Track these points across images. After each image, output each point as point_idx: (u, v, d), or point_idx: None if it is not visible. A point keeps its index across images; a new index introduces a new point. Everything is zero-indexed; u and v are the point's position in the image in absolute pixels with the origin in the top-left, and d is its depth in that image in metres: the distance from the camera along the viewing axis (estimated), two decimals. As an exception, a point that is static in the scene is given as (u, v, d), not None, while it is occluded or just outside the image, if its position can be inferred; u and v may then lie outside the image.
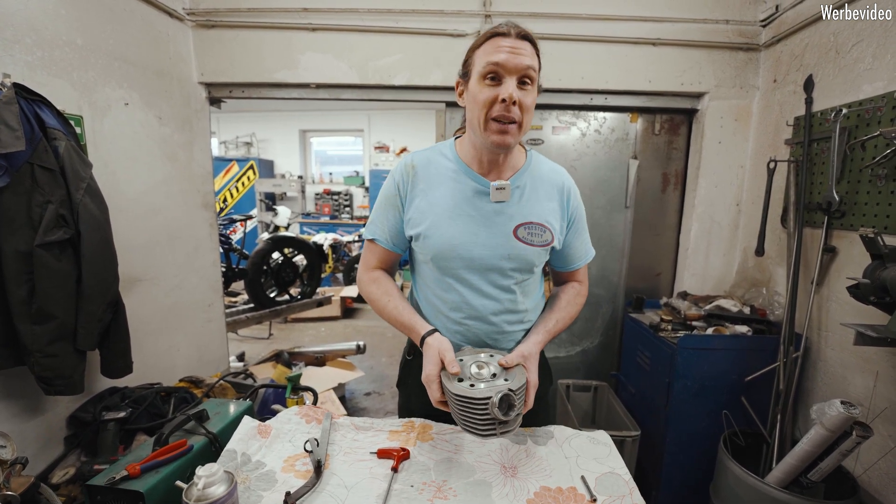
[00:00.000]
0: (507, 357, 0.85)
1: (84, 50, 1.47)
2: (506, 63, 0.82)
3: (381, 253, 1.04)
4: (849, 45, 1.51)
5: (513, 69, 0.83)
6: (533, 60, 0.85)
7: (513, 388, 0.77)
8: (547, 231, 0.95)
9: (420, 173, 0.97)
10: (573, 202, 1.00)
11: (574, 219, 1.00)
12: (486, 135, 0.87)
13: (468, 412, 0.77)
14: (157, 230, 1.81)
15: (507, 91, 0.82)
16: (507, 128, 0.85)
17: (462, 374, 0.82)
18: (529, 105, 0.86)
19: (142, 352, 1.64)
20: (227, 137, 6.97)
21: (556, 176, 1.00)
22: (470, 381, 0.81)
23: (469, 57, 0.91)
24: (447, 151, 0.99)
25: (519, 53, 0.83)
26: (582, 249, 1.05)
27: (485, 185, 0.94)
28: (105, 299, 1.32)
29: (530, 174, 0.98)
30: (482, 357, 0.87)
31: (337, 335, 4.37)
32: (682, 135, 2.19)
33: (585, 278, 1.10)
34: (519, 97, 0.83)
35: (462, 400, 0.77)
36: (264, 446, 0.93)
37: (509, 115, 0.84)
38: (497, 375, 0.82)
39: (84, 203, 1.25)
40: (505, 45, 0.83)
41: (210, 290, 2.14)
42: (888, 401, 1.33)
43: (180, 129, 1.92)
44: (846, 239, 1.50)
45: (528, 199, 0.96)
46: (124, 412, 1.37)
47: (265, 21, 1.94)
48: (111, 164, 1.59)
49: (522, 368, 0.85)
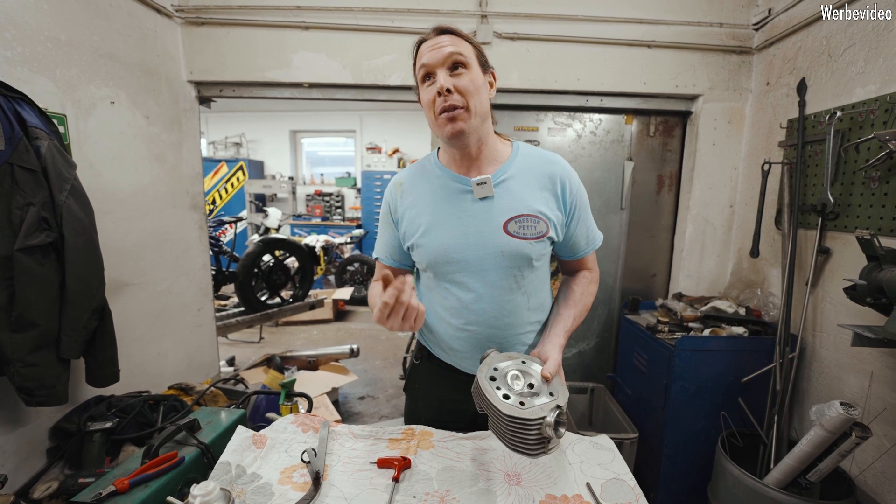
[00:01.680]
0: (548, 368, 0.80)
1: (67, 46, 1.42)
2: (430, 60, 0.86)
3: (384, 270, 1.03)
4: (841, 48, 1.53)
5: (438, 62, 0.86)
6: (457, 46, 0.87)
7: (561, 403, 0.73)
8: (541, 222, 0.92)
9: (407, 189, 1.00)
10: (571, 189, 0.95)
11: (575, 206, 0.96)
12: (440, 129, 0.89)
13: (520, 433, 0.73)
14: (145, 233, 1.76)
15: (438, 83, 0.85)
16: (454, 114, 0.86)
17: (500, 385, 0.77)
18: (466, 85, 0.86)
19: (129, 359, 1.59)
20: (215, 138, 6.86)
21: (548, 165, 0.95)
22: (513, 396, 0.75)
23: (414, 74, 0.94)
24: (429, 161, 1.02)
25: (439, 47, 0.86)
26: (588, 236, 1.01)
27: (466, 183, 0.93)
28: (90, 305, 1.27)
29: (517, 166, 0.95)
30: (518, 365, 0.82)
31: (329, 338, 4.31)
32: (676, 137, 2.20)
33: (595, 264, 1.07)
34: (452, 83, 0.85)
35: (514, 421, 0.72)
36: (259, 457, 0.89)
37: (448, 103, 0.85)
38: (535, 386, 0.78)
39: (68, 205, 1.20)
40: (427, 46, 0.88)
41: (200, 294, 2.09)
42: (884, 401, 1.34)
43: (169, 128, 1.87)
44: (840, 240, 1.52)
45: (515, 191, 0.93)
46: (111, 422, 1.32)
47: (257, 19, 1.90)
48: (97, 165, 1.54)
49: (560, 379, 0.82)
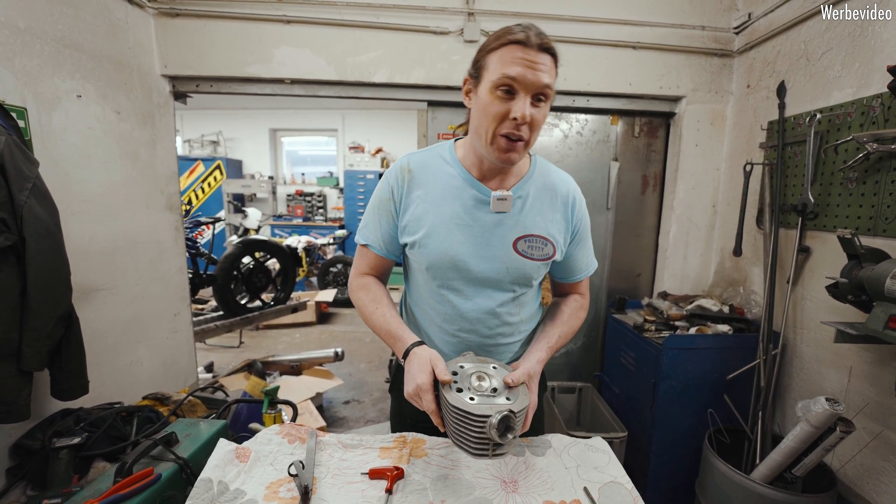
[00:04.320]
0: (513, 375, 0.80)
1: (27, 34, 1.32)
2: (522, 79, 0.75)
3: (373, 259, 0.98)
4: (819, 53, 1.57)
5: (529, 86, 0.76)
6: (552, 77, 0.78)
7: (514, 409, 0.72)
8: (549, 244, 0.91)
9: (416, 178, 0.91)
10: (578, 213, 0.95)
11: (578, 230, 0.96)
12: (492, 149, 0.82)
13: (463, 427, 0.72)
14: (117, 235, 1.67)
15: (519, 110, 0.76)
16: (515, 145, 0.80)
17: (461, 381, 0.77)
18: (540, 122, 0.80)
19: (100, 369, 1.50)
20: (191, 136, 6.63)
21: (563, 185, 0.94)
22: (469, 394, 0.75)
23: (481, 58, 0.82)
24: (446, 155, 0.93)
25: (537, 70, 0.75)
26: (585, 261, 1.00)
27: (486, 193, 0.89)
28: (55, 313, 1.18)
29: (534, 183, 0.92)
30: (485, 368, 0.82)
31: (312, 342, 4.22)
32: (660, 138, 2.23)
33: (587, 291, 1.05)
34: (532, 115, 0.77)
35: (458, 413, 0.72)
36: (243, 472, 0.84)
37: (518, 132, 0.78)
38: (498, 391, 0.77)
39: (29, 205, 1.11)
40: (525, 57, 0.75)
41: (176, 299, 1.99)
42: (862, 395, 1.38)
43: (142, 125, 1.78)
44: (819, 239, 1.56)
45: (530, 210, 0.90)
46: (79, 437, 1.23)
47: (235, 11, 1.82)
48: (62, 163, 1.44)
49: (525, 388, 0.80)
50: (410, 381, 0.79)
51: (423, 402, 0.77)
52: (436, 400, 0.78)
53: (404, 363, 0.84)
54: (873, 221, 1.34)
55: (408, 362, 0.83)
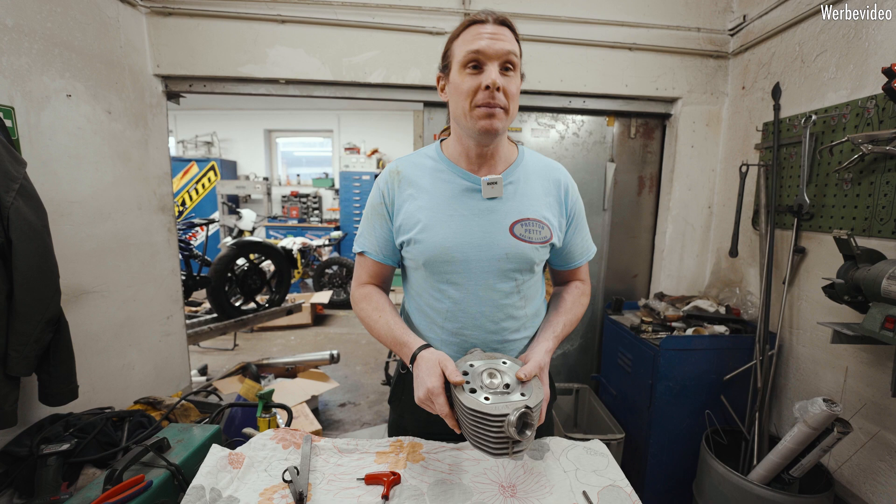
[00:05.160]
0: (525, 369, 0.78)
1: (15, 32, 1.30)
2: (486, 49, 0.79)
3: (371, 267, 0.97)
4: (813, 54, 1.58)
5: (494, 55, 0.80)
6: (513, 45, 0.82)
7: (531, 404, 0.70)
8: (545, 227, 0.90)
9: (406, 178, 0.92)
10: (571, 197, 0.95)
11: (573, 215, 0.96)
12: (473, 121, 0.82)
13: (480, 429, 0.70)
14: (108, 237, 1.64)
15: (489, 77, 0.79)
16: (494, 111, 0.81)
17: (472, 381, 0.75)
18: (514, 92, 0.83)
19: (90, 373, 1.47)
20: (185, 136, 6.58)
21: (552, 171, 0.95)
22: (484, 394, 0.73)
23: (448, 48, 0.87)
24: (432, 153, 0.95)
25: (499, 39, 0.80)
26: (583, 246, 1.00)
27: (475, 181, 0.89)
28: (43, 317, 1.16)
29: (523, 169, 0.93)
30: (496, 364, 0.80)
31: (308, 344, 4.18)
32: (656, 139, 2.23)
33: (587, 276, 1.05)
34: (503, 83, 0.80)
35: (475, 415, 0.70)
36: (236, 478, 0.82)
37: (494, 101, 0.80)
38: (511, 386, 0.76)
39: (16, 207, 1.09)
40: (484, 31, 0.80)
41: (169, 301, 1.96)
42: (858, 395, 1.38)
43: (133, 125, 1.75)
44: (814, 240, 1.56)
45: (522, 194, 0.91)
46: (68, 443, 1.20)
47: (229, 11, 1.80)
48: (51, 164, 1.42)
49: (538, 381, 0.79)
50: (420, 385, 0.77)
51: (436, 406, 0.75)
52: (448, 402, 0.76)
53: (412, 368, 0.83)
54: (869, 222, 1.34)
55: (416, 367, 0.81)
